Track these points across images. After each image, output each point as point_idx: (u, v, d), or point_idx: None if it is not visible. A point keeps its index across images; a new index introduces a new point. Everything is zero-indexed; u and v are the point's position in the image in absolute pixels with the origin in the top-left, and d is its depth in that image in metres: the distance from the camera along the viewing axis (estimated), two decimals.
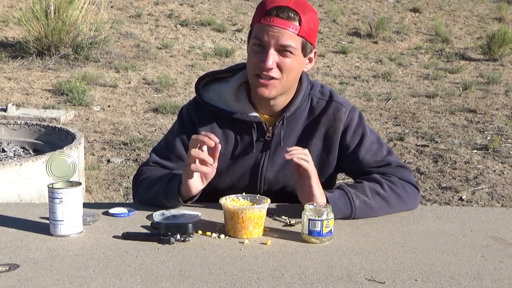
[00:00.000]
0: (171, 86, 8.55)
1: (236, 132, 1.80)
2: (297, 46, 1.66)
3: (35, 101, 7.45)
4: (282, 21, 1.63)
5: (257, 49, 1.68)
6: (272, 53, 1.65)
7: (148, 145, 5.84)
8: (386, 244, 1.48)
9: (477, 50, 12.18)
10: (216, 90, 1.82)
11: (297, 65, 1.70)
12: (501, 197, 4.70)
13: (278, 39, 1.64)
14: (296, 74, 1.74)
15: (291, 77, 1.71)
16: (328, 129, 1.80)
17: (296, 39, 1.65)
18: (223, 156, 1.79)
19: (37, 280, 1.24)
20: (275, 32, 1.63)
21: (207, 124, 1.81)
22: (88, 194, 4.44)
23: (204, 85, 1.86)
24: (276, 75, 1.68)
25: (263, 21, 1.65)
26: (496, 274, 1.31)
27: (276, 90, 1.71)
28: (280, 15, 1.63)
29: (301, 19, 1.64)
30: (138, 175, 1.85)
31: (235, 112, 1.79)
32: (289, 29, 1.64)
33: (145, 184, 1.78)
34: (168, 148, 1.84)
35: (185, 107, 1.88)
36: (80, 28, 9.27)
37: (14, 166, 3.28)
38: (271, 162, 1.80)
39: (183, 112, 1.87)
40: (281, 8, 1.63)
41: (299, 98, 1.79)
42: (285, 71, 1.68)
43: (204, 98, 1.83)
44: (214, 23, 12.29)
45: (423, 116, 7.51)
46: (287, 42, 1.64)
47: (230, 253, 1.41)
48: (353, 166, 1.82)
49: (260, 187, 1.82)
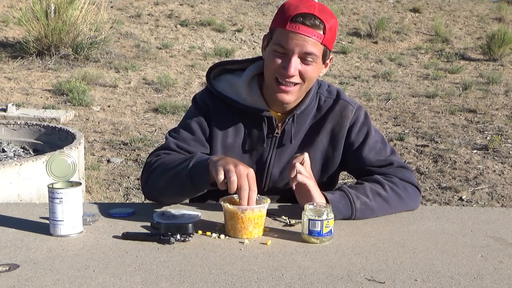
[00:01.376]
0: (171, 86, 8.55)
1: (247, 124, 1.81)
2: (319, 54, 1.68)
3: (35, 101, 7.45)
4: (307, 29, 1.63)
5: (279, 54, 1.67)
6: (295, 61, 1.65)
7: (148, 145, 5.84)
8: (386, 244, 1.48)
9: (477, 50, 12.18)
10: (229, 81, 1.83)
11: (317, 71, 1.72)
12: (501, 197, 4.70)
13: (303, 47, 1.64)
14: (314, 80, 1.76)
15: (310, 83, 1.74)
16: (334, 126, 1.82)
17: (319, 47, 1.66)
18: (232, 148, 1.79)
19: (37, 280, 1.24)
20: (300, 40, 1.63)
21: (221, 112, 1.81)
22: (88, 194, 4.44)
23: (215, 75, 1.86)
24: (298, 81, 1.70)
25: (288, 28, 1.64)
26: (496, 274, 1.31)
27: (295, 95, 1.73)
28: (305, 23, 1.63)
29: (325, 27, 1.64)
30: (153, 158, 1.76)
31: (247, 104, 1.79)
32: (313, 37, 1.64)
33: (163, 167, 1.69)
34: (187, 130, 1.80)
35: (199, 94, 1.87)
36: (80, 28, 9.27)
37: (14, 166, 3.28)
38: (278, 159, 1.81)
39: (197, 98, 1.86)
40: (307, 15, 1.63)
41: (309, 97, 1.80)
42: (306, 78, 1.69)
43: (216, 87, 1.83)
44: (214, 23, 12.29)
45: (423, 116, 7.51)
46: (310, 50, 1.65)
47: (230, 253, 1.41)
48: (356, 164, 1.83)
49: (265, 183, 1.83)
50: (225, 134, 1.80)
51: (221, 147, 1.80)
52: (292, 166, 1.60)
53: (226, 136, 1.80)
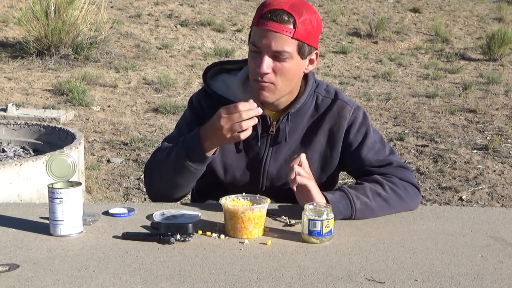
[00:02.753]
0: (171, 86, 8.55)
1: None
2: (292, 50, 1.66)
3: (35, 101, 7.44)
4: (275, 25, 1.63)
5: (254, 54, 1.68)
6: (267, 58, 1.65)
7: (148, 145, 5.84)
8: (386, 244, 1.48)
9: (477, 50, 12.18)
10: (225, 81, 1.83)
11: (295, 68, 1.70)
12: (501, 197, 4.70)
13: (272, 44, 1.63)
14: (295, 77, 1.73)
15: (288, 81, 1.71)
16: (332, 126, 1.81)
17: (290, 42, 1.64)
18: (228, 147, 1.79)
19: (37, 280, 1.24)
20: (269, 37, 1.63)
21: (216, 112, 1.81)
22: (88, 194, 4.44)
23: (212, 75, 1.86)
24: (272, 79, 1.68)
25: (258, 25, 1.65)
26: (496, 274, 1.31)
27: (273, 94, 1.71)
28: (273, 19, 1.63)
29: (296, 21, 1.63)
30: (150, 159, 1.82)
31: None
32: (283, 33, 1.63)
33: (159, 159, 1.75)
34: (181, 134, 1.82)
35: (195, 95, 1.88)
36: (80, 28, 9.26)
37: (14, 166, 3.28)
38: (274, 157, 1.81)
39: (193, 100, 1.87)
40: (275, 11, 1.63)
41: (305, 95, 1.79)
42: (280, 75, 1.68)
43: (212, 87, 1.83)
44: (214, 23, 12.29)
45: (423, 116, 7.51)
46: (281, 48, 1.64)
47: (230, 253, 1.41)
48: (355, 164, 1.83)
49: (263, 183, 1.82)
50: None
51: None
52: (291, 168, 1.60)
53: None
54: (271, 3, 1.65)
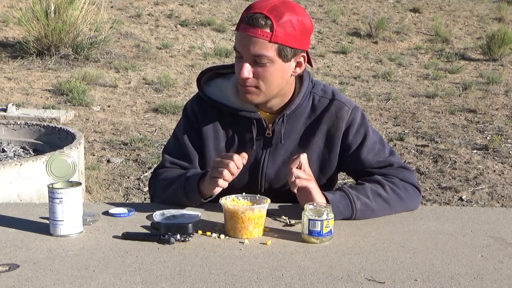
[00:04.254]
0: (171, 86, 8.55)
1: (237, 128, 1.81)
2: (272, 54, 1.64)
3: (35, 101, 7.45)
4: (252, 29, 1.62)
5: (237, 59, 1.69)
6: (246, 64, 1.65)
7: (148, 145, 5.84)
8: (386, 244, 1.48)
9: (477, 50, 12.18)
10: (219, 85, 1.83)
11: (277, 71, 1.68)
12: (501, 197, 4.70)
13: (250, 48, 1.63)
14: (280, 80, 1.71)
15: (272, 84, 1.70)
16: (330, 128, 1.80)
17: (268, 46, 1.63)
18: (225, 151, 1.80)
19: (37, 280, 1.24)
20: (246, 41, 1.63)
21: (210, 119, 1.82)
22: (88, 194, 4.44)
23: (206, 80, 1.86)
24: (254, 84, 1.68)
25: (239, 30, 1.66)
26: (496, 274, 1.31)
27: (258, 97, 1.71)
28: (250, 23, 1.62)
29: (273, 24, 1.61)
30: (154, 178, 1.85)
31: (236, 107, 1.79)
32: (259, 36, 1.62)
33: (162, 186, 1.79)
34: (179, 147, 1.85)
35: (189, 102, 1.89)
36: (80, 28, 9.26)
37: (14, 166, 3.28)
38: (271, 160, 1.81)
39: (187, 108, 1.88)
40: (253, 15, 1.62)
41: (300, 96, 1.78)
42: (262, 79, 1.68)
43: (206, 92, 1.83)
44: (214, 23, 12.29)
45: (423, 116, 7.51)
46: (258, 52, 1.63)
47: (230, 253, 1.41)
48: (355, 165, 1.82)
49: (261, 185, 1.82)
50: (217, 138, 1.82)
51: (214, 151, 1.81)
52: (290, 171, 1.60)
53: (217, 141, 1.82)
54: (253, 6, 1.65)
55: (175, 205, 1.72)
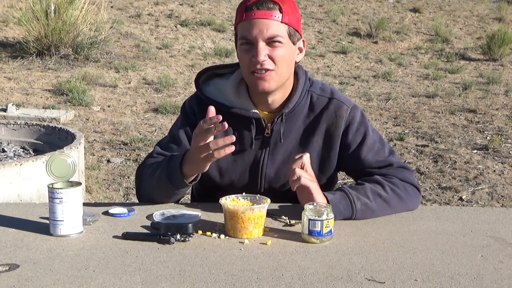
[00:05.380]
0: (171, 86, 8.55)
1: (236, 128, 1.80)
2: (284, 34, 1.68)
3: (35, 101, 7.45)
4: (263, 12, 1.65)
5: (246, 47, 1.69)
6: (262, 46, 1.66)
7: (148, 145, 5.84)
8: (386, 244, 1.48)
9: (477, 50, 12.18)
10: (217, 85, 1.83)
11: (288, 53, 1.71)
12: (501, 197, 4.70)
13: (264, 31, 1.65)
14: (290, 63, 1.74)
15: (285, 67, 1.72)
16: (329, 126, 1.80)
17: (281, 27, 1.67)
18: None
19: (37, 280, 1.24)
20: (259, 25, 1.65)
21: None
22: (88, 194, 4.44)
23: (204, 80, 1.87)
24: (270, 66, 1.69)
25: (245, 18, 1.67)
26: (496, 274, 1.31)
27: (274, 81, 1.71)
28: (259, 7, 1.66)
29: (281, 7, 1.66)
30: (141, 166, 1.83)
31: (235, 107, 1.79)
32: (272, 18, 1.65)
33: (148, 172, 1.76)
34: (173, 140, 1.83)
35: (188, 101, 1.89)
36: (80, 28, 9.26)
37: (14, 166, 3.28)
38: (271, 159, 1.80)
39: (186, 105, 1.87)
40: (259, 1, 1.66)
41: (297, 94, 1.79)
42: (277, 61, 1.69)
43: (205, 92, 1.83)
44: (214, 23, 12.29)
45: (423, 116, 7.51)
46: (274, 33, 1.66)
47: (230, 253, 1.41)
48: (355, 165, 1.82)
49: (261, 185, 1.82)
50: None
51: None
52: (292, 171, 1.59)
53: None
54: None
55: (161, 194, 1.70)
